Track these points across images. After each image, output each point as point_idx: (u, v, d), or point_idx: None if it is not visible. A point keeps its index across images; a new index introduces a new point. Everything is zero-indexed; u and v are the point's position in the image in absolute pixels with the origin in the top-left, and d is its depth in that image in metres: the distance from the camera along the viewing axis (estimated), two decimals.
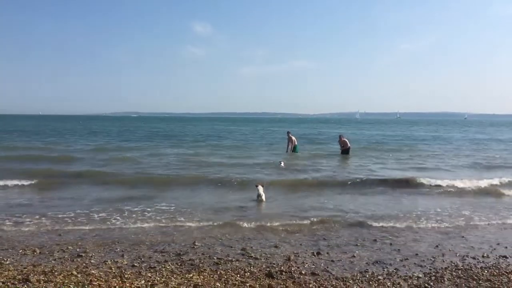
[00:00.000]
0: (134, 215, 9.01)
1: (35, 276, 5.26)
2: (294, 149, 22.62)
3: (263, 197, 10.62)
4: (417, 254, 6.56)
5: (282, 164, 17.29)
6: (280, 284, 5.23)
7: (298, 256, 6.39)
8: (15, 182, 12.51)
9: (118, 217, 8.83)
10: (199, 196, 11.39)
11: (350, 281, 5.37)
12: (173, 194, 11.54)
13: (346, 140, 22.68)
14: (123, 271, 5.58)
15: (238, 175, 14.46)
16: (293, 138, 23.08)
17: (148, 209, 9.55)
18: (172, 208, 9.74)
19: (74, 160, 19.19)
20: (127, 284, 5.08)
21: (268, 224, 8.36)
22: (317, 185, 13.27)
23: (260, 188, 10.82)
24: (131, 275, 5.43)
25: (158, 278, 5.31)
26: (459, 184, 13.06)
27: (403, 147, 28.93)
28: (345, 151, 22.14)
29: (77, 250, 6.55)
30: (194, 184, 13.07)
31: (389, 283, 5.32)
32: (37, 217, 8.75)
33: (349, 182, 13.49)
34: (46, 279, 5.20)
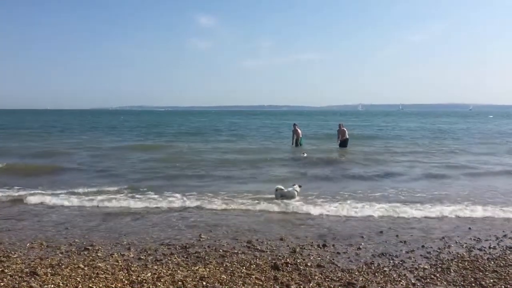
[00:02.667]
0: (142, 208, 9.10)
1: (43, 269, 5.32)
2: (297, 142, 22.54)
3: (294, 194, 9.94)
4: (423, 246, 6.53)
5: (305, 154, 18.66)
6: (286, 276, 5.24)
7: (304, 248, 6.40)
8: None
9: (124, 209, 8.91)
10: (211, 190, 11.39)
11: (356, 273, 5.37)
12: (182, 186, 11.55)
13: (346, 130, 21.62)
14: (130, 264, 5.62)
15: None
16: (299, 130, 23.00)
17: (156, 201, 9.63)
18: (180, 200, 9.80)
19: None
20: (134, 277, 5.11)
21: (275, 217, 8.39)
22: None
23: (297, 188, 10.13)
24: (137, 268, 5.46)
25: (165, 271, 5.34)
26: None
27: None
28: (343, 142, 21.15)
29: (84, 243, 6.59)
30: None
31: (395, 275, 5.31)
32: (44, 211, 8.88)
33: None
34: (53, 272, 5.25)
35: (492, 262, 5.82)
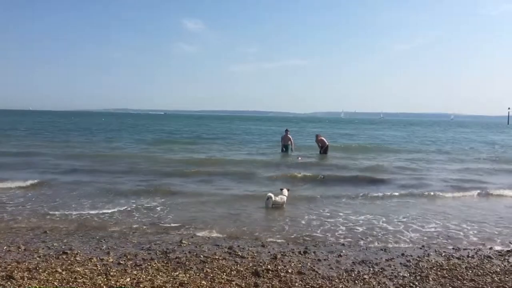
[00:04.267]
0: (122, 214, 9.01)
1: (19, 273, 5.20)
2: (285, 148, 22.41)
3: (284, 200, 9.95)
4: (403, 254, 6.60)
5: (299, 158, 19.54)
6: (266, 282, 5.23)
7: (285, 255, 6.39)
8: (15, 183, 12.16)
9: (105, 215, 8.84)
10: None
11: (336, 280, 5.39)
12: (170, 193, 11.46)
13: (324, 138, 22.51)
14: (109, 268, 5.54)
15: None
16: (290, 137, 22.80)
17: (137, 207, 9.56)
18: (161, 206, 9.73)
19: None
20: (112, 282, 5.04)
21: (256, 225, 8.37)
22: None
23: (286, 192, 10.18)
24: (116, 272, 5.39)
25: (144, 276, 5.28)
26: None
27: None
28: (324, 150, 21.85)
29: (63, 247, 6.48)
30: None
31: (374, 282, 5.35)
32: (25, 213, 8.74)
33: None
34: (30, 276, 5.15)
35: (470, 271, 5.89)
